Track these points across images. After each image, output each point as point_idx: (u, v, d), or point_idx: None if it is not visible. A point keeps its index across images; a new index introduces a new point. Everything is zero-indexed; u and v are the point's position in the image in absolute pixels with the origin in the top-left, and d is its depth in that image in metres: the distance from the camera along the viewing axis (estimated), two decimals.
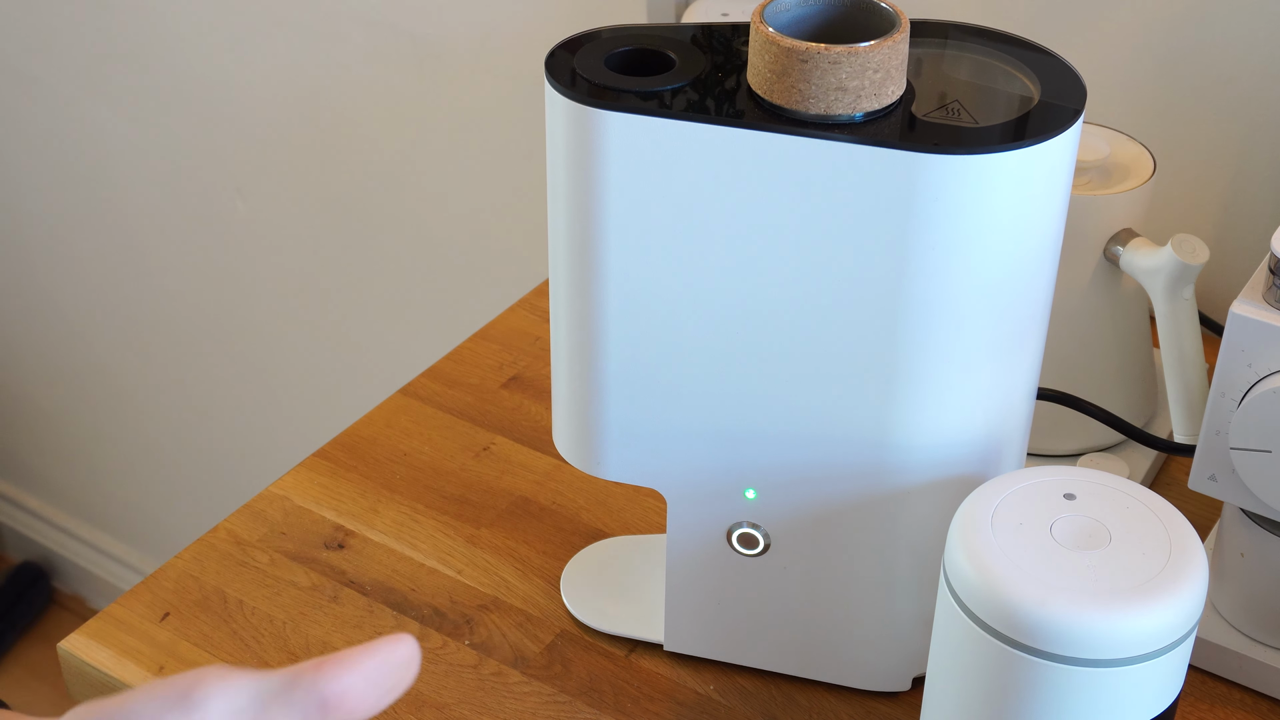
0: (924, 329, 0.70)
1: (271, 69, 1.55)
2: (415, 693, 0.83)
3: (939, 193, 0.66)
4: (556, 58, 0.70)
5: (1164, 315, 0.87)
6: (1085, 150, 0.89)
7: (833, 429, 0.73)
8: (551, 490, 0.96)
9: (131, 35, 1.65)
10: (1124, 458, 0.95)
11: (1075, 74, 0.71)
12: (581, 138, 0.68)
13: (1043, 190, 0.68)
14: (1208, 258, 0.85)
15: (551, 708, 0.82)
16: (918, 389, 0.71)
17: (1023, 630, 0.64)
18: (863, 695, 0.83)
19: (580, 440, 0.78)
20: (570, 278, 0.73)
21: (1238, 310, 0.74)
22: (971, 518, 0.68)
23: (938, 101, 0.69)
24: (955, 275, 0.68)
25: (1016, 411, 0.75)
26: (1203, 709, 0.83)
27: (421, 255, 1.56)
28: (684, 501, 0.78)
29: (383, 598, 0.88)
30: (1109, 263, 0.89)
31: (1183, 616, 0.65)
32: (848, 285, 0.69)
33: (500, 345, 1.08)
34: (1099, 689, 0.65)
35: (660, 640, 0.85)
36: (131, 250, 1.84)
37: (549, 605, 0.88)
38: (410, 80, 1.45)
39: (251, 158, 1.64)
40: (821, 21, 0.69)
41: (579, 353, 0.74)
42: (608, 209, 0.70)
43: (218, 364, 1.85)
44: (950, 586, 0.67)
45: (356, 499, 0.95)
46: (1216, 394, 0.76)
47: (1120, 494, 0.69)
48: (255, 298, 1.75)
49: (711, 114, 0.67)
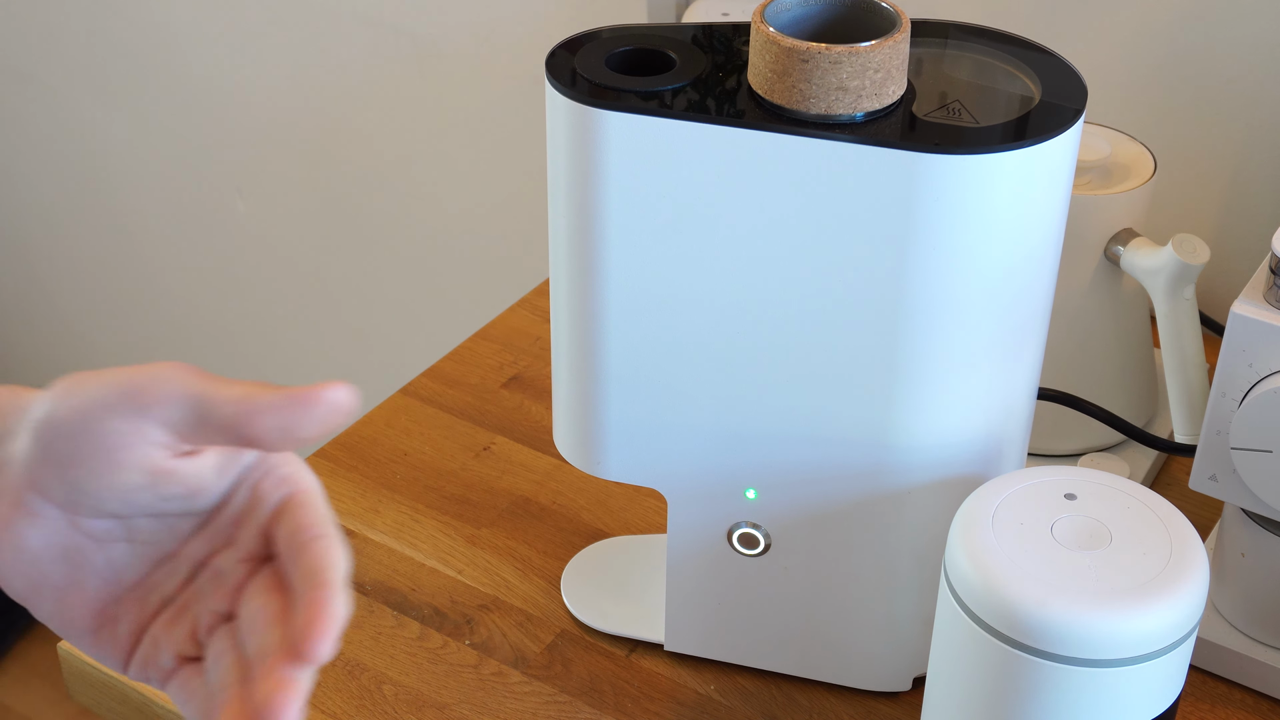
0: (925, 329, 0.70)
1: (271, 69, 1.55)
2: (415, 692, 0.83)
3: (940, 193, 0.66)
4: (557, 58, 0.70)
5: (1164, 315, 0.87)
6: (1086, 150, 0.89)
7: (833, 429, 0.73)
8: (552, 490, 0.96)
9: (131, 35, 1.65)
10: (1124, 458, 0.95)
11: (1076, 74, 0.71)
12: (582, 138, 0.68)
13: (1043, 190, 0.68)
14: (1208, 258, 0.85)
15: (552, 708, 0.82)
16: (918, 389, 0.71)
17: (1023, 630, 0.64)
18: (863, 695, 0.83)
19: (581, 440, 0.77)
20: (571, 277, 0.73)
21: (1238, 310, 0.74)
22: (972, 518, 0.68)
23: (938, 101, 0.69)
24: (956, 275, 0.68)
25: (1017, 411, 0.75)
26: (1203, 709, 0.83)
27: (421, 255, 1.56)
28: (684, 501, 0.78)
29: (383, 597, 0.88)
30: (1109, 263, 0.89)
31: (1183, 617, 0.65)
32: (848, 285, 0.69)
33: (500, 345, 1.08)
34: (1099, 689, 0.65)
35: (661, 640, 0.85)
36: (131, 250, 1.84)
37: (549, 605, 0.88)
38: (410, 80, 1.45)
39: (251, 158, 1.64)
40: (822, 21, 0.69)
41: (580, 352, 0.74)
42: (608, 209, 0.70)
43: (218, 364, 1.85)
44: (951, 586, 0.67)
45: (356, 499, 0.95)
46: (1217, 394, 0.76)
47: (1121, 494, 0.69)
48: (255, 298, 1.75)
49: (712, 114, 0.67)
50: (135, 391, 0.51)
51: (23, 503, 0.52)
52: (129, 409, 0.51)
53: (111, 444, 0.51)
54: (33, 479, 0.52)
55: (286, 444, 0.51)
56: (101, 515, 0.53)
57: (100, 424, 0.51)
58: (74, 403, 0.51)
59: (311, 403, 0.51)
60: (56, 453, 0.51)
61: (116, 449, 0.51)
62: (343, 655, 0.85)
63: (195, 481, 0.53)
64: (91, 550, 0.54)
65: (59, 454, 0.51)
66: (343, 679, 0.83)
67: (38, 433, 0.52)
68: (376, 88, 1.48)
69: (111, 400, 0.51)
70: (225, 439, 0.51)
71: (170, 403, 0.51)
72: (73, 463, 0.51)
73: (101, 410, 0.51)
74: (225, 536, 0.55)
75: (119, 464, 0.51)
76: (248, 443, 0.51)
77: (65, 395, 0.52)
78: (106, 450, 0.51)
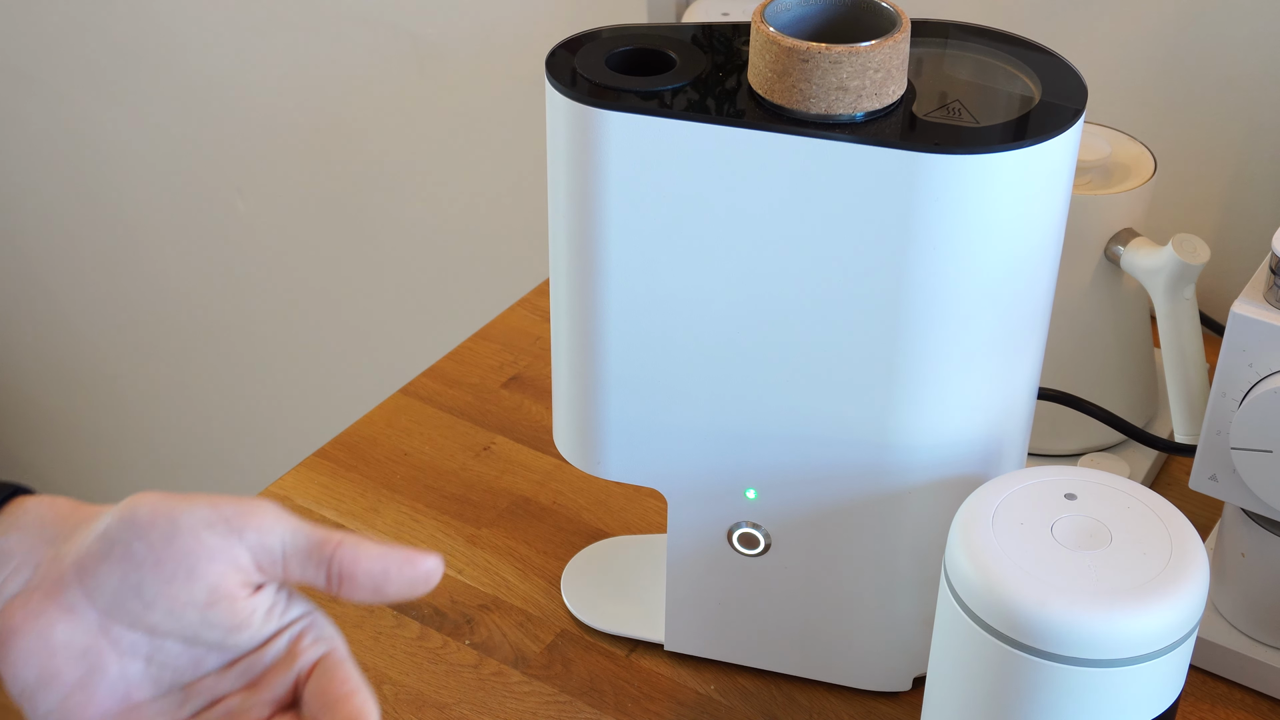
0: (925, 328, 0.70)
1: (271, 69, 1.55)
2: (415, 692, 0.83)
3: (940, 192, 0.66)
4: (557, 57, 0.70)
5: (1165, 315, 0.87)
6: (1086, 150, 0.89)
7: (833, 429, 0.73)
8: (552, 490, 0.96)
9: (132, 35, 1.65)
10: (1124, 458, 0.95)
11: (1076, 74, 0.71)
12: (582, 137, 0.68)
13: (1043, 190, 0.68)
14: (1208, 257, 0.85)
15: (552, 708, 0.82)
16: (918, 389, 0.71)
17: (1023, 630, 0.64)
18: (863, 695, 0.83)
19: (581, 440, 0.77)
20: (571, 277, 0.73)
21: (1238, 310, 0.74)
22: (972, 517, 0.68)
23: (938, 101, 0.69)
24: (956, 275, 0.68)
25: (1017, 411, 0.75)
26: (1203, 709, 0.83)
27: (421, 255, 1.56)
28: (684, 501, 0.78)
29: None
30: (1110, 262, 0.89)
31: (1183, 616, 0.65)
32: (848, 285, 0.69)
33: (500, 345, 1.08)
34: (1099, 689, 0.65)
35: (661, 640, 0.85)
36: (131, 250, 1.84)
37: (549, 605, 0.88)
38: (410, 80, 1.45)
39: (251, 158, 1.64)
40: (822, 21, 0.69)
41: (580, 352, 0.74)
42: (608, 209, 0.70)
43: (218, 364, 1.85)
44: (951, 586, 0.67)
45: (356, 499, 0.95)
46: (1217, 394, 0.76)
47: (1121, 494, 0.69)
48: (255, 297, 1.75)
49: (712, 114, 0.67)
50: (234, 515, 0.53)
51: (61, 595, 0.53)
52: (225, 529, 0.53)
53: (197, 556, 0.53)
54: (83, 575, 0.53)
55: (374, 595, 0.54)
56: (138, 628, 0.54)
57: (193, 535, 0.53)
58: (166, 511, 0.53)
59: (413, 563, 0.54)
60: (130, 552, 0.53)
61: (200, 561, 0.53)
62: None
63: (246, 616, 0.54)
64: (111, 659, 0.54)
65: (132, 554, 0.53)
66: None
67: (111, 532, 0.53)
68: (377, 88, 1.48)
69: (210, 518, 0.53)
70: (317, 572, 0.53)
71: (267, 530, 0.53)
72: (145, 565, 0.53)
73: (198, 524, 0.53)
74: (253, 680, 0.56)
75: (195, 576, 0.53)
76: (340, 581, 0.53)
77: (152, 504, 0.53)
78: (189, 560, 0.53)
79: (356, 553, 0.54)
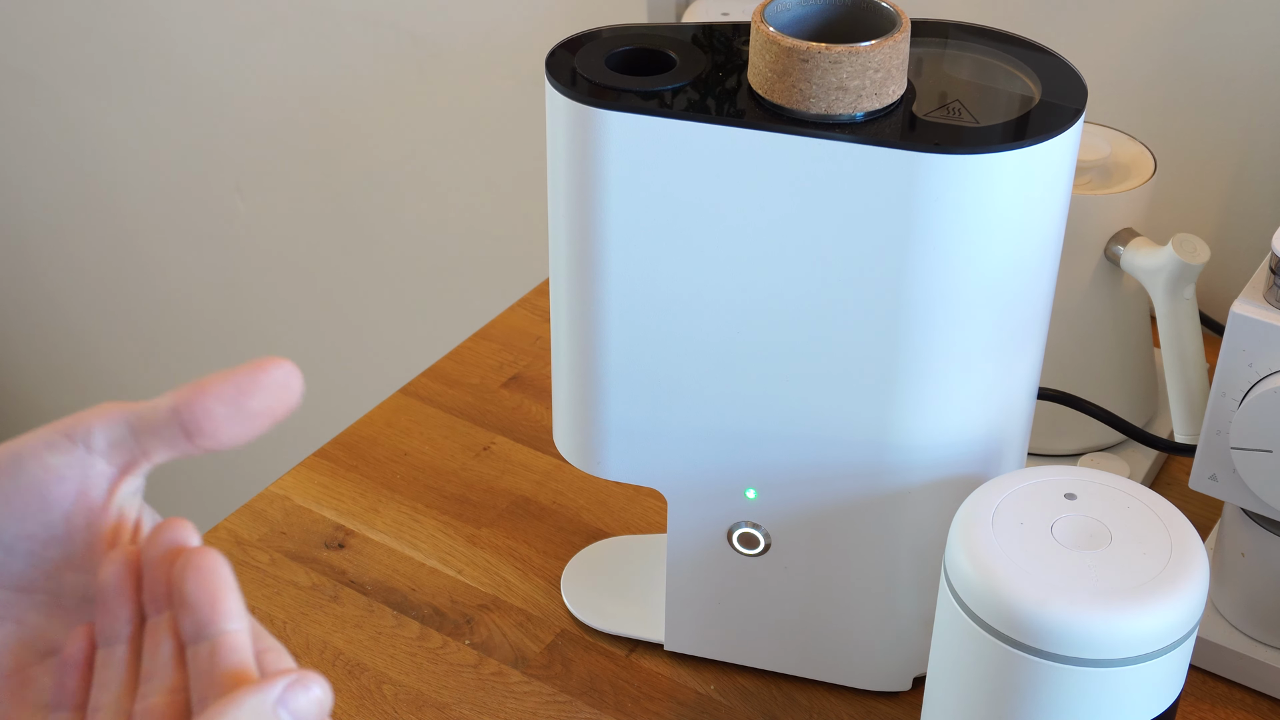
0: (924, 329, 0.70)
1: (272, 69, 1.55)
2: (415, 692, 0.83)
3: (939, 192, 0.66)
4: (557, 57, 0.70)
5: (1164, 315, 0.87)
6: (1086, 150, 0.89)
7: (833, 429, 0.73)
8: (552, 490, 0.96)
9: (132, 35, 1.65)
10: (1124, 458, 0.95)
11: (1076, 74, 0.71)
12: (582, 137, 0.68)
13: (1043, 190, 0.68)
14: (1208, 257, 0.85)
15: (552, 708, 0.82)
16: (918, 389, 0.71)
17: (1023, 630, 0.64)
18: (863, 695, 0.83)
19: (580, 440, 0.77)
20: (571, 277, 0.73)
21: (1238, 310, 0.74)
22: (972, 517, 0.68)
23: (938, 101, 0.69)
24: (956, 275, 0.68)
25: (1017, 411, 0.75)
26: (1203, 709, 0.83)
27: (422, 255, 1.56)
28: (684, 501, 0.78)
29: (383, 597, 0.88)
30: (1109, 262, 0.89)
31: (1183, 616, 0.65)
32: (848, 285, 0.69)
33: (500, 345, 1.08)
34: (1099, 689, 0.65)
35: (660, 640, 0.85)
36: (131, 250, 1.84)
37: (549, 605, 0.88)
38: (410, 80, 1.45)
39: (251, 158, 1.63)
40: (822, 21, 0.69)
41: (580, 352, 0.74)
42: (608, 209, 0.70)
43: (218, 363, 1.85)
44: (951, 586, 0.67)
45: (356, 499, 0.95)
46: (1217, 394, 0.76)
47: (1121, 494, 0.69)
48: (255, 297, 1.75)
49: (712, 114, 0.67)
50: (71, 425, 0.48)
51: None
52: (68, 444, 0.48)
53: (45, 482, 0.48)
54: None
55: (239, 420, 0.48)
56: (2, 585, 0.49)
57: (36, 460, 0.48)
58: (8, 448, 0.48)
59: (263, 369, 0.48)
60: None
61: (50, 485, 0.48)
62: (343, 655, 0.85)
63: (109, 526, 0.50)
64: None
65: None
66: (343, 679, 0.83)
67: None
68: (377, 88, 1.48)
69: (49, 437, 0.48)
70: (170, 437, 0.49)
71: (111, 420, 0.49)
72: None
73: (40, 448, 0.48)
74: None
75: (48, 504, 0.48)
76: (196, 432, 0.48)
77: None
78: (39, 489, 0.48)
79: (200, 388, 0.48)
